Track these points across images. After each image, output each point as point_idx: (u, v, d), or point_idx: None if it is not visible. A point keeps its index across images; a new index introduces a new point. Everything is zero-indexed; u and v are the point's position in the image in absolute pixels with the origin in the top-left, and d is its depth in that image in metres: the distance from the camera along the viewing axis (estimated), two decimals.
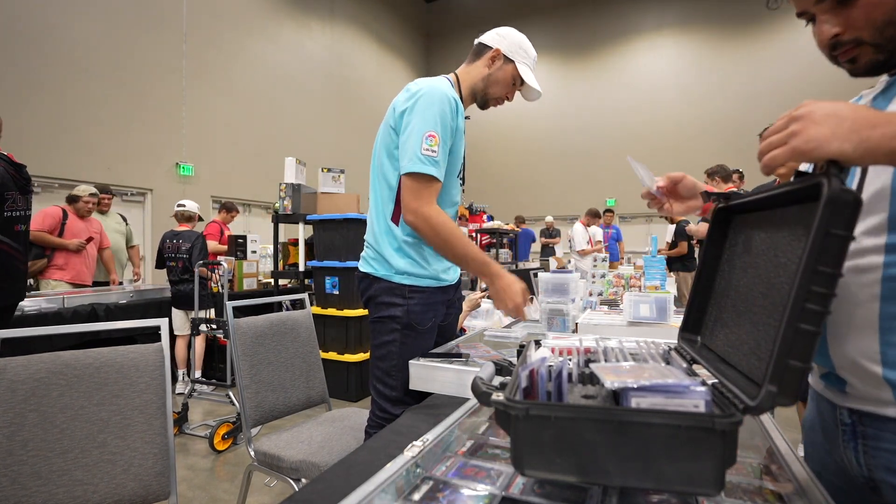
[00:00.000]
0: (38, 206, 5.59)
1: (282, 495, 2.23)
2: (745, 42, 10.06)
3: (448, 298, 1.46)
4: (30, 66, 5.36)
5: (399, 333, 1.32)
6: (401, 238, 1.34)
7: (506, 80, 1.42)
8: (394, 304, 1.33)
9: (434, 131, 1.25)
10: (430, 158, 1.24)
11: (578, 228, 6.88)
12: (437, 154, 1.25)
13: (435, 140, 1.25)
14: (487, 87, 1.43)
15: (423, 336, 1.35)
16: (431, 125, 1.25)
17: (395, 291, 1.33)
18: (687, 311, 0.87)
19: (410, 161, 1.25)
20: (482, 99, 1.46)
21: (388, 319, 1.33)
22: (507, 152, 12.37)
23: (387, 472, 0.61)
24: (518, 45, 1.42)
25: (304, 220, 3.97)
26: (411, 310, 1.32)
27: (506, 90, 1.44)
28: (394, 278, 1.33)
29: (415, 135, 1.25)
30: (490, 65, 1.41)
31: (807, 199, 0.56)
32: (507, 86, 1.43)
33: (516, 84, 1.44)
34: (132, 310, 3.35)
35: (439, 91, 1.28)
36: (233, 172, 7.73)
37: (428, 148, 1.24)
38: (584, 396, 0.62)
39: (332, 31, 10.08)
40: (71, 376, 1.10)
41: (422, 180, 1.25)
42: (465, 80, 1.44)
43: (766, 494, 0.59)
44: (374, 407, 1.35)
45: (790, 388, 0.48)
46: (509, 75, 1.42)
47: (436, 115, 1.26)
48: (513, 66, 1.41)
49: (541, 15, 12.08)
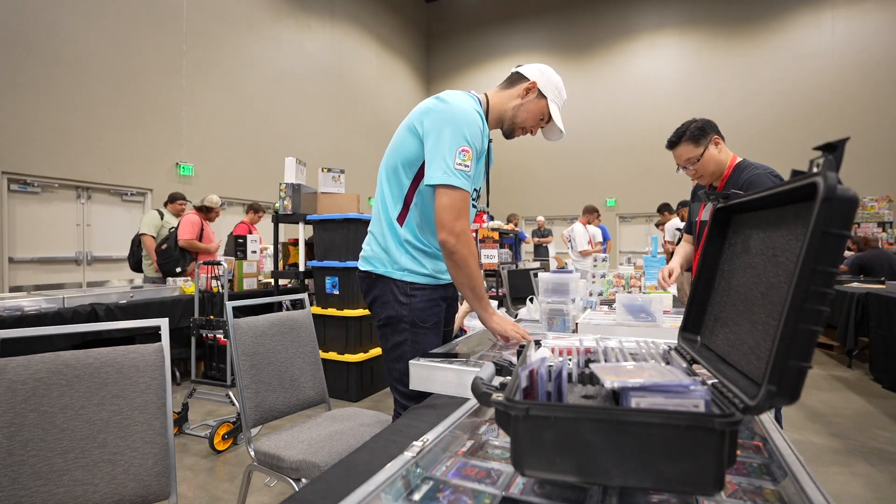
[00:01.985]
0: (39, 206, 5.65)
1: (282, 495, 2.23)
2: (745, 42, 10.06)
3: (446, 296, 1.49)
4: (30, 66, 5.36)
5: (409, 333, 1.34)
6: (404, 239, 1.36)
7: (535, 114, 1.44)
8: (398, 302, 1.34)
9: (467, 147, 1.25)
10: (464, 174, 1.24)
11: (578, 228, 6.86)
12: (470, 170, 1.25)
13: (468, 156, 1.25)
14: (516, 115, 1.44)
15: (430, 333, 1.37)
16: (465, 141, 1.25)
17: (398, 289, 1.35)
18: (687, 311, 0.87)
19: (445, 173, 1.23)
20: (509, 127, 1.47)
21: (396, 320, 1.35)
22: (506, 152, 12.36)
23: (387, 472, 0.61)
24: (554, 84, 1.44)
25: (304, 220, 3.97)
26: (414, 307, 1.35)
27: (533, 123, 1.46)
28: (395, 275, 1.35)
29: (448, 147, 1.24)
30: (524, 95, 1.43)
31: (803, 197, 0.56)
32: (535, 119, 1.45)
33: (543, 119, 1.46)
34: (132, 310, 3.35)
35: (472, 109, 1.29)
36: (233, 172, 7.73)
37: (461, 163, 1.24)
38: (584, 396, 0.62)
39: (333, 31, 10.07)
40: (71, 376, 1.10)
41: (456, 196, 1.24)
42: (496, 104, 1.45)
43: (766, 494, 0.59)
44: (398, 406, 1.38)
45: (789, 387, 0.48)
46: (539, 110, 1.44)
47: (468, 132, 1.26)
48: (545, 102, 1.43)
49: (541, 15, 12.08)
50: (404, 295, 1.35)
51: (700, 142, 1.89)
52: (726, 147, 1.93)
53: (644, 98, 10.95)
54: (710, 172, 1.91)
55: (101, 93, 6.03)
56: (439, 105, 1.29)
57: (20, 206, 5.41)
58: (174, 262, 4.39)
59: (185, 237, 4.40)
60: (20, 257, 5.42)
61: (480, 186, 1.48)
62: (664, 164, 10.08)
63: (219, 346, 3.16)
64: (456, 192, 1.24)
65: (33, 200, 5.53)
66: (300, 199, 3.96)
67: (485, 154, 1.40)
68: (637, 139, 10.92)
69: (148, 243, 4.63)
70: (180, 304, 3.73)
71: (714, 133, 1.89)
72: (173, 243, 4.41)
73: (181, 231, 4.44)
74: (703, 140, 1.88)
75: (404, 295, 1.35)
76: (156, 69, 6.63)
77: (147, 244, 4.64)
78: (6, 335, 1.08)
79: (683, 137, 1.91)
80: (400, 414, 1.36)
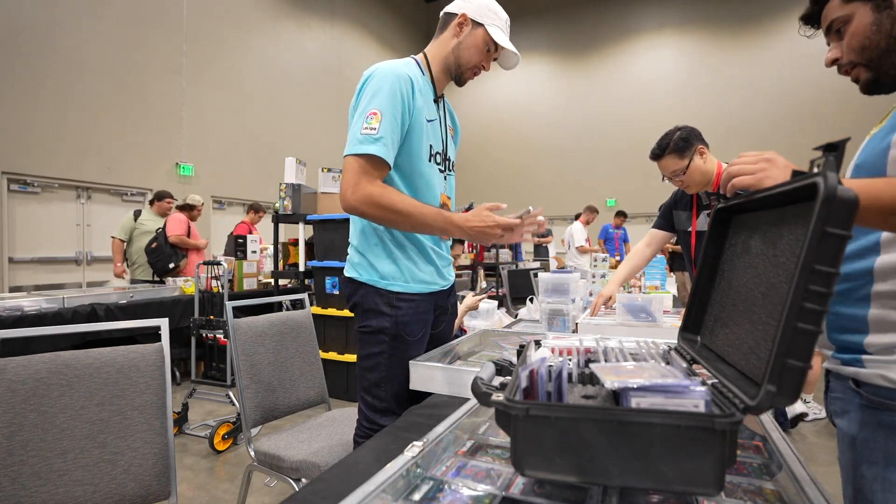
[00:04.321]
0: (39, 206, 5.65)
1: (282, 495, 2.23)
2: (745, 42, 10.06)
3: (440, 305, 1.41)
4: (30, 66, 5.36)
5: (387, 345, 1.26)
6: (387, 240, 1.28)
7: (477, 46, 1.30)
8: (381, 313, 1.26)
9: (376, 108, 1.16)
10: (369, 137, 1.15)
11: (577, 227, 6.88)
12: (379, 131, 1.15)
13: (376, 117, 1.16)
14: (459, 56, 1.31)
15: (413, 346, 1.29)
16: (375, 104, 1.17)
17: (382, 299, 1.26)
18: (687, 311, 0.87)
19: (349, 144, 1.17)
20: (456, 71, 1.33)
21: (377, 332, 1.26)
22: (506, 152, 12.37)
23: (387, 472, 0.61)
24: (485, 6, 1.29)
25: (304, 220, 3.97)
26: (400, 320, 1.26)
27: (479, 57, 1.31)
28: (379, 284, 1.27)
29: (357, 118, 1.18)
30: (458, 32, 1.30)
31: (804, 198, 0.56)
32: (480, 52, 1.30)
33: (490, 50, 1.32)
34: (132, 310, 3.35)
35: (390, 70, 1.21)
36: (233, 172, 7.73)
37: (367, 126, 1.15)
38: (584, 396, 0.62)
39: (332, 31, 10.07)
40: (71, 376, 1.10)
41: (359, 162, 1.15)
42: (436, 56, 1.34)
43: (766, 494, 0.59)
44: (361, 417, 1.31)
45: (789, 387, 0.48)
46: (480, 40, 1.29)
47: (382, 94, 1.17)
48: (483, 29, 1.29)
49: (541, 15, 12.07)
50: (389, 306, 1.26)
51: (685, 153, 1.84)
52: (711, 155, 1.88)
53: (644, 98, 10.94)
54: (697, 182, 1.87)
55: (102, 93, 6.03)
56: (365, 80, 1.23)
57: (20, 206, 5.41)
58: (166, 258, 4.41)
59: (175, 233, 4.43)
60: (20, 257, 5.42)
61: (443, 150, 1.38)
62: None
63: (219, 346, 3.16)
64: (354, 160, 1.16)
65: (33, 200, 5.53)
66: (300, 199, 3.96)
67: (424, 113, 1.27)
68: (637, 139, 10.91)
69: (115, 246, 4.63)
70: (180, 304, 3.73)
71: (698, 142, 1.84)
72: (163, 241, 4.42)
73: (170, 228, 4.46)
74: (688, 151, 1.83)
75: (389, 306, 1.26)
76: (156, 69, 6.63)
77: (115, 247, 4.64)
78: (6, 335, 1.08)
79: (667, 150, 1.86)
80: (363, 425, 1.29)
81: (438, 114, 1.37)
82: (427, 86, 1.32)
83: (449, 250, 1.46)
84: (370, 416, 1.28)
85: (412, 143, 1.26)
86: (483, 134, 12.17)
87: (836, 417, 0.84)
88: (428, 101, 1.31)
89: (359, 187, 1.16)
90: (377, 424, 1.26)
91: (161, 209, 4.78)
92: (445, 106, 1.44)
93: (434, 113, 1.34)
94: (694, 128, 1.90)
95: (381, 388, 1.27)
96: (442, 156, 1.38)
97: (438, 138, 1.36)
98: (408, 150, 1.26)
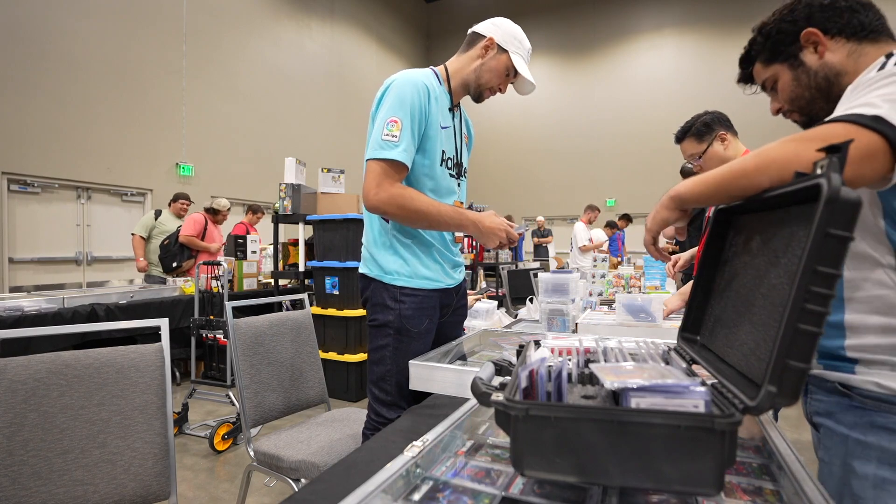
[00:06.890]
0: (39, 206, 5.64)
1: (282, 495, 2.23)
2: (745, 42, 10.05)
3: (446, 303, 1.45)
4: (30, 66, 5.36)
5: (392, 338, 1.31)
6: (393, 237, 1.34)
7: (499, 70, 1.38)
8: (386, 307, 1.32)
9: (396, 117, 1.24)
10: (388, 143, 1.23)
11: (580, 227, 6.89)
12: (398, 138, 1.23)
13: (396, 125, 1.24)
14: (480, 76, 1.39)
15: (418, 340, 1.34)
16: (394, 111, 1.24)
17: (387, 293, 1.33)
18: (687, 312, 0.87)
19: (371, 149, 1.25)
20: (475, 90, 1.41)
21: (383, 325, 1.33)
22: (507, 152, 12.37)
23: (387, 472, 0.61)
24: (512, 35, 1.38)
25: (304, 220, 3.97)
26: (403, 314, 1.32)
27: (498, 80, 1.40)
28: (384, 279, 1.33)
29: (379, 123, 1.25)
30: (483, 54, 1.38)
31: (807, 199, 0.56)
32: (500, 76, 1.39)
33: (510, 75, 1.40)
34: (132, 310, 3.35)
35: (408, 79, 1.28)
36: (233, 172, 7.73)
37: (388, 133, 1.24)
38: (584, 397, 0.62)
39: (332, 31, 10.07)
40: (71, 376, 1.10)
41: (381, 165, 1.24)
42: (457, 71, 1.41)
43: (766, 494, 0.59)
44: (370, 411, 1.36)
45: (790, 388, 0.48)
46: (502, 65, 1.37)
47: (401, 102, 1.25)
48: (506, 56, 1.37)
49: (541, 14, 12.07)
50: (393, 300, 1.32)
51: (703, 138, 1.84)
52: (736, 142, 1.86)
53: (644, 98, 10.94)
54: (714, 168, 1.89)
55: (102, 93, 6.03)
56: (380, 89, 1.31)
57: (20, 207, 5.41)
58: (172, 257, 4.56)
59: (185, 233, 4.57)
60: (20, 257, 5.42)
61: (455, 156, 1.44)
62: (665, 165, 10.09)
63: (219, 347, 3.16)
64: (376, 164, 1.24)
65: (33, 200, 5.53)
66: (300, 200, 3.96)
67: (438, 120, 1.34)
68: (637, 139, 10.92)
69: (136, 243, 4.78)
70: (180, 304, 3.73)
71: (721, 128, 1.83)
72: (174, 240, 4.58)
73: (183, 228, 4.61)
74: (707, 136, 1.84)
75: (393, 300, 1.32)
76: (155, 69, 6.63)
77: (135, 243, 4.78)
78: (6, 335, 1.08)
79: (688, 133, 1.88)
80: (372, 418, 1.33)
81: (453, 122, 1.43)
82: (444, 95, 1.39)
83: (459, 253, 1.50)
84: (378, 409, 1.32)
85: (427, 150, 1.33)
86: (482, 134, 12.16)
87: (820, 417, 0.86)
88: (443, 108, 1.37)
89: (381, 188, 1.24)
90: (384, 418, 1.30)
91: (176, 210, 4.92)
92: (462, 115, 1.49)
93: (449, 120, 1.40)
94: (723, 114, 1.89)
95: (386, 382, 1.31)
96: (454, 161, 1.44)
97: (452, 144, 1.42)
98: (422, 154, 1.33)
